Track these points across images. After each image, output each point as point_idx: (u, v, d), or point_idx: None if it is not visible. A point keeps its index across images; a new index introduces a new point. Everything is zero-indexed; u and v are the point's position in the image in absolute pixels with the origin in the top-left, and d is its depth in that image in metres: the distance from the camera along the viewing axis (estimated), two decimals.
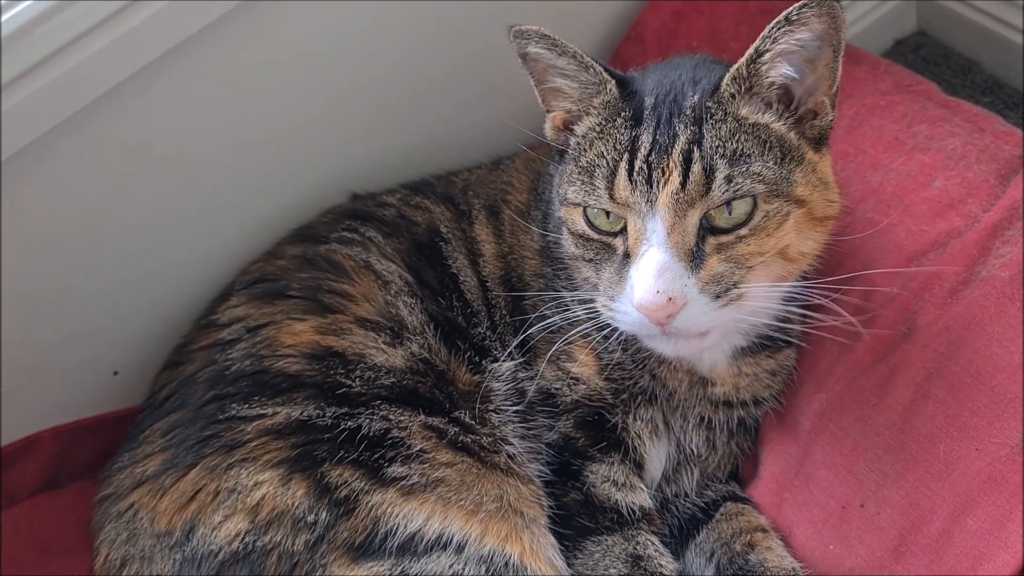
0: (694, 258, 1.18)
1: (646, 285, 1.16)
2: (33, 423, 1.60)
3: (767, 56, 1.20)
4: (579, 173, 1.25)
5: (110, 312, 1.63)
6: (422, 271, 1.47)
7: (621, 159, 1.21)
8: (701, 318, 1.18)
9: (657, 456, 1.41)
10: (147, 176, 1.55)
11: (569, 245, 1.29)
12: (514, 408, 1.37)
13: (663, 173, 1.18)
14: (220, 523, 1.25)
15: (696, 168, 1.17)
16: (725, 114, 1.21)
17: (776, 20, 1.18)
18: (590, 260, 1.26)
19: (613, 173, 1.21)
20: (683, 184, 1.17)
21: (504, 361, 1.40)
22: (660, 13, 1.74)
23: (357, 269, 1.46)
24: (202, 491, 1.28)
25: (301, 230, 1.61)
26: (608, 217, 1.23)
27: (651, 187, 1.18)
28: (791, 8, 1.17)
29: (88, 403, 1.65)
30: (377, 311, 1.41)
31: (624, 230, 1.21)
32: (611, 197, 1.21)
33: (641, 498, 1.36)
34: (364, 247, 1.49)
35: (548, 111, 1.35)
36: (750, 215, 1.18)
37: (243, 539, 1.23)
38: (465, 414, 1.35)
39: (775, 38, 1.19)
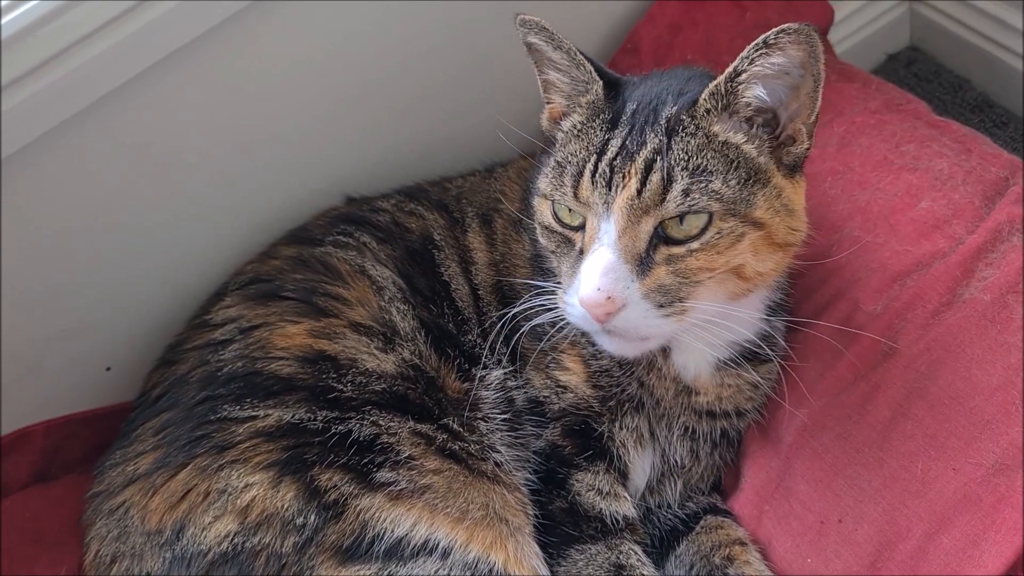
0: (642, 263, 1.21)
1: (590, 282, 1.19)
2: (26, 417, 1.61)
3: (744, 76, 1.23)
4: (553, 167, 1.30)
5: (103, 308, 1.64)
6: (414, 278, 1.48)
7: (589, 160, 1.25)
8: (641, 322, 1.21)
9: (641, 466, 1.43)
10: (145, 175, 1.56)
11: (538, 235, 1.34)
12: (502, 416, 1.39)
13: (623, 178, 1.21)
14: (210, 523, 1.26)
15: (655, 177, 1.20)
16: (697, 128, 1.24)
17: (755, 42, 1.21)
18: (553, 251, 1.31)
19: (580, 173, 1.25)
20: (639, 191, 1.20)
21: (493, 369, 1.42)
22: (656, 26, 1.76)
23: (352, 273, 1.47)
24: (193, 491, 1.29)
25: (296, 232, 1.62)
26: (571, 212, 1.27)
27: (610, 190, 1.22)
28: (770, 32, 1.20)
29: (80, 398, 1.66)
30: (371, 316, 1.43)
31: (584, 226, 1.25)
32: (575, 195, 1.25)
33: (625, 507, 1.38)
34: (359, 251, 1.51)
35: (547, 102, 1.39)
36: (704, 230, 1.21)
37: (232, 540, 1.25)
38: (454, 421, 1.36)
39: (752, 59, 1.22)
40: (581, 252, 1.24)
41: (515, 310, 1.36)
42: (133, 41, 1.37)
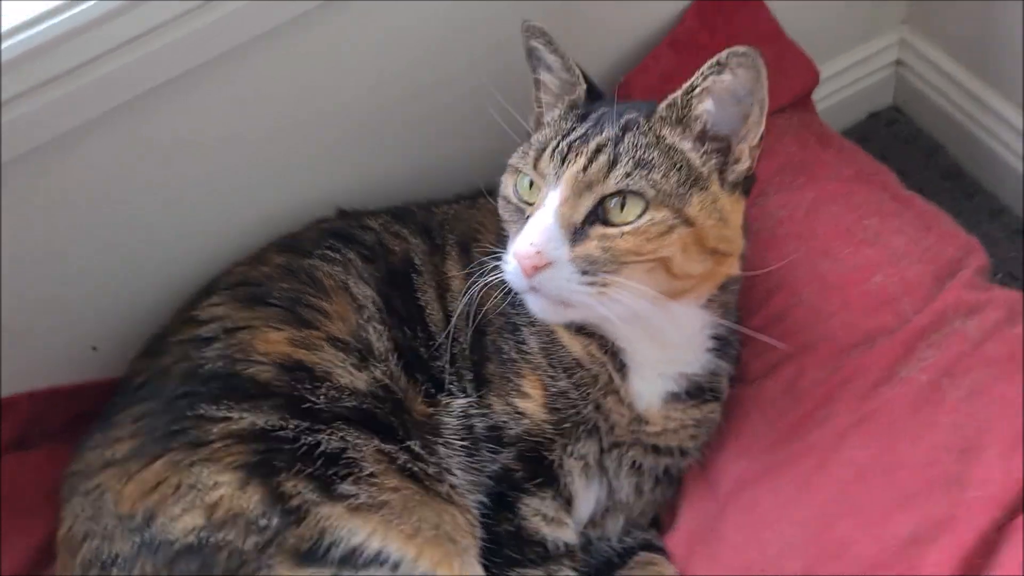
0: (576, 233, 1.34)
1: (525, 237, 1.33)
2: (10, 390, 1.68)
3: (697, 91, 1.37)
4: (525, 146, 1.46)
5: (94, 289, 1.70)
6: (393, 299, 1.56)
7: (554, 139, 1.41)
8: (564, 284, 1.32)
9: (587, 497, 1.52)
10: (148, 172, 1.62)
11: (499, 206, 1.48)
12: (461, 443, 1.48)
13: (576, 156, 1.36)
14: (179, 515, 1.34)
15: (602, 158, 1.35)
16: (649, 129, 1.39)
17: (708, 62, 1.35)
18: (507, 221, 1.45)
19: (543, 149, 1.41)
20: (585, 167, 1.35)
21: (457, 397, 1.50)
22: (648, 75, 1.83)
23: (336, 288, 1.55)
24: (165, 483, 1.37)
25: (287, 240, 1.68)
26: (531, 188, 1.41)
27: (563, 164, 1.37)
28: (722, 52, 1.34)
29: (66, 376, 1.71)
30: (349, 332, 1.50)
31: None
32: (534, 167, 1.40)
33: (567, 534, 1.47)
34: (344, 268, 1.58)
35: (537, 106, 1.55)
36: (639, 217, 1.33)
37: (198, 534, 1.32)
38: (416, 444, 1.44)
39: (705, 76, 1.36)
40: (528, 219, 1.37)
41: (478, 275, 1.45)
42: (156, 57, 1.44)
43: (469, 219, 1.68)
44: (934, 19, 2.13)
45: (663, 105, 1.39)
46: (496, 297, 1.53)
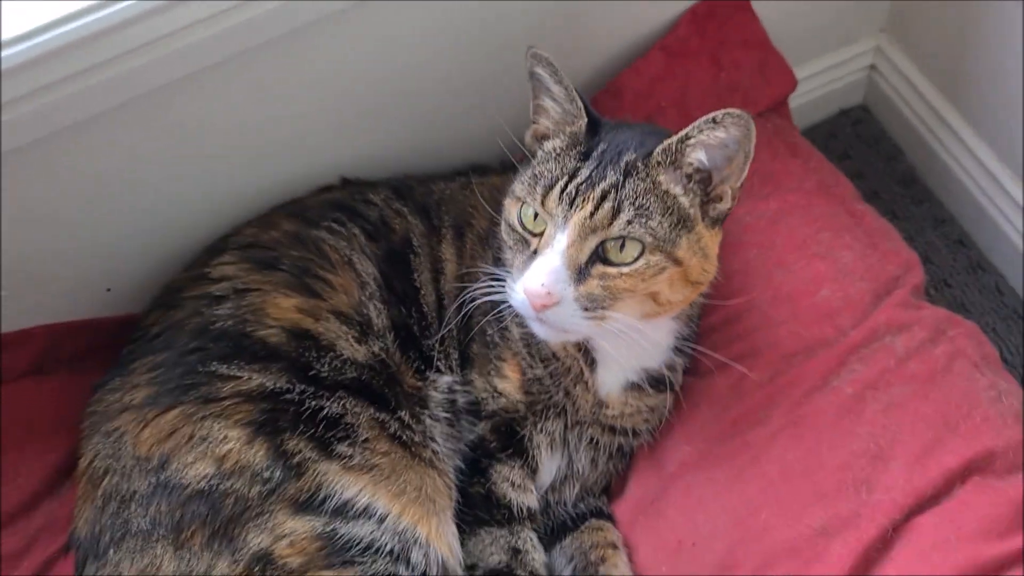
0: (580, 273, 1.47)
1: (536, 278, 1.46)
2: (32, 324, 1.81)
3: (692, 141, 1.48)
4: (530, 177, 1.54)
5: (110, 239, 1.81)
6: (391, 278, 1.68)
7: (561, 179, 1.50)
8: (567, 319, 1.47)
9: (550, 467, 1.70)
10: (167, 145, 1.72)
11: (502, 229, 1.58)
12: (445, 415, 1.65)
13: (583, 201, 1.47)
14: (192, 463, 1.49)
15: (607, 206, 1.46)
16: (647, 175, 1.50)
17: (704, 117, 1.46)
18: (511, 247, 1.56)
19: (551, 187, 1.50)
20: (592, 214, 1.46)
21: (444, 375, 1.67)
22: (640, 76, 1.95)
23: (341, 263, 1.67)
24: (178, 432, 1.51)
25: (294, 207, 1.80)
26: (535, 219, 1.51)
27: (571, 207, 1.47)
28: (718, 112, 1.45)
29: (83, 314, 1.85)
30: (351, 306, 1.64)
31: (541, 234, 1.50)
32: (542, 204, 1.50)
33: (530, 500, 1.65)
34: (349, 243, 1.70)
35: (534, 122, 1.63)
36: (636, 259, 1.47)
37: (209, 480, 1.48)
38: (406, 414, 1.61)
39: (701, 129, 1.47)
40: (535, 252, 1.49)
41: (473, 289, 1.60)
42: (187, 51, 1.55)
43: (464, 201, 1.80)
44: (911, 32, 2.25)
45: (659, 150, 1.49)
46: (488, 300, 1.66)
